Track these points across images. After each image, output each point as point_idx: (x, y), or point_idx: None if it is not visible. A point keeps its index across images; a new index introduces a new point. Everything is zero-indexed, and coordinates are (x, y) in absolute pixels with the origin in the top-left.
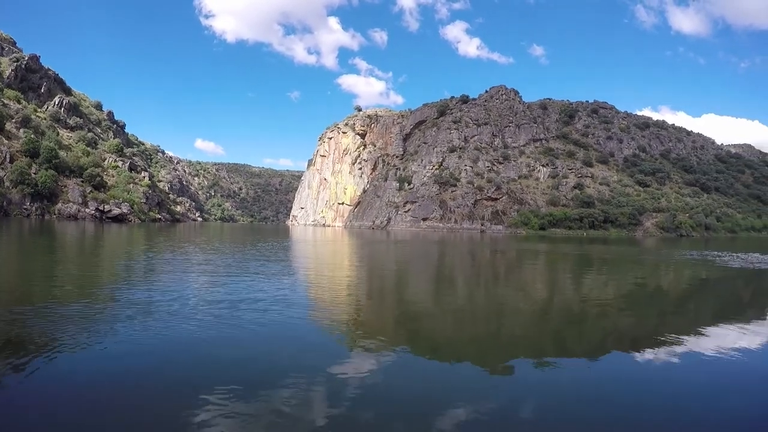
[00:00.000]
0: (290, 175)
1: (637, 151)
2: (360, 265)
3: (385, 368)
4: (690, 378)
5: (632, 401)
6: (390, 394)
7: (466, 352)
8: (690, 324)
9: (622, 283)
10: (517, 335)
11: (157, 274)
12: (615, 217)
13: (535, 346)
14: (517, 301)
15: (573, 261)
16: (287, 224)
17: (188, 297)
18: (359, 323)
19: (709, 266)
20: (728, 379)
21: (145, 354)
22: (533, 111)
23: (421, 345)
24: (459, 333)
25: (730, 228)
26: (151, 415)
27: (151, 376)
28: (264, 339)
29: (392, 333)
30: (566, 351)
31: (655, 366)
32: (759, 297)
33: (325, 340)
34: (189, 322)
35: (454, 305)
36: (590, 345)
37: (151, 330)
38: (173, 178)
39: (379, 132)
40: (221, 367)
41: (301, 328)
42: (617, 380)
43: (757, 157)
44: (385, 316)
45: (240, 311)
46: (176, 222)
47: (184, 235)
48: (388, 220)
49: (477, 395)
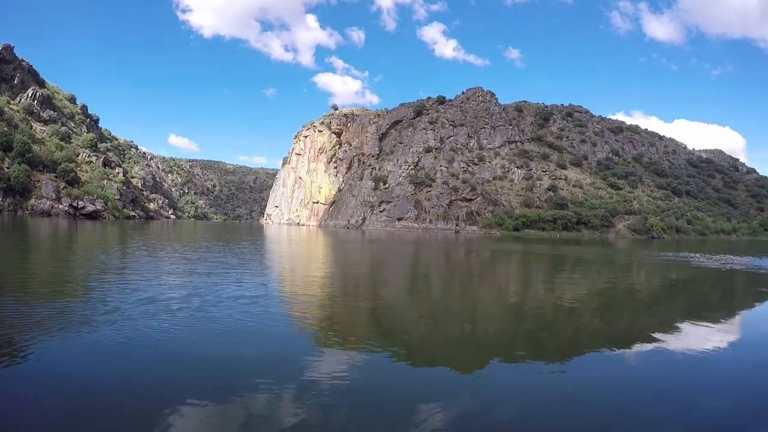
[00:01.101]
0: (264, 173)
1: (610, 155)
2: (335, 265)
3: (359, 369)
4: (663, 376)
5: (606, 401)
6: (364, 395)
7: (440, 353)
8: (666, 323)
9: (596, 283)
10: (492, 336)
11: (129, 274)
12: (588, 219)
13: (509, 347)
14: (491, 302)
15: (547, 262)
16: (261, 223)
17: (160, 297)
18: (333, 324)
19: (686, 267)
20: (702, 379)
21: (115, 355)
22: (509, 113)
23: (395, 346)
24: (433, 333)
25: (700, 231)
26: (119, 419)
27: (120, 379)
28: (236, 340)
29: (366, 333)
30: (540, 351)
31: (629, 365)
32: (732, 296)
33: (299, 341)
34: (160, 323)
35: (428, 306)
36: (564, 345)
37: (121, 331)
38: (146, 174)
39: (355, 131)
40: (192, 368)
41: (275, 329)
42: (591, 380)
43: (728, 163)
44: (360, 316)
45: (212, 312)
46: (150, 219)
47: (159, 234)
48: (363, 220)
49: (451, 396)
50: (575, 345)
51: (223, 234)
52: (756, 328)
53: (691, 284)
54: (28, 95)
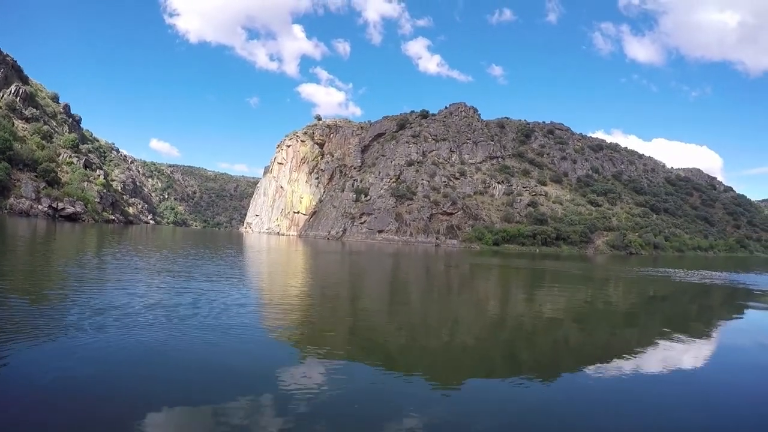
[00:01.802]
0: (246, 181)
1: (590, 172)
2: (314, 276)
3: (337, 380)
4: (640, 391)
5: (583, 414)
6: (341, 406)
7: (418, 365)
8: (645, 336)
9: (576, 297)
10: (470, 348)
11: (106, 282)
12: (567, 235)
13: (487, 360)
14: (469, 315)
15: (526, 276)
16: (241, 231)
17: (135, 305)
18: (311, 335)
19: (667, 282)
20: (679, 393)
21: (88, 364)
22: (491, 129)
23: (373, 357)
24: (412, 345)
25: (678, 247)
26: (96, 426)
27: (94, 387)
28: (214, 350)
29: (345, 345)
30: (518, 364)
31: (607, 379)
32: (711, 308)
33: (276, 352)
34: (136, 331)
35: (407, 318)
36: (542, 358)
37: (96, 339)
38: (126, 178)
39: (338, 142)
40: (168, 378)
41: (252, 339)
42: (568, 393)
43: (705, 181)
44: (339, 328)
45: (189, 320)
46: (129, 224)
47: (140, 240)
48: (343, 231)
49: (428, 407)
50: (553, 358)
51: (203, 242)
52: (735, 339)
53: (673, 298)
54: (11, 91)
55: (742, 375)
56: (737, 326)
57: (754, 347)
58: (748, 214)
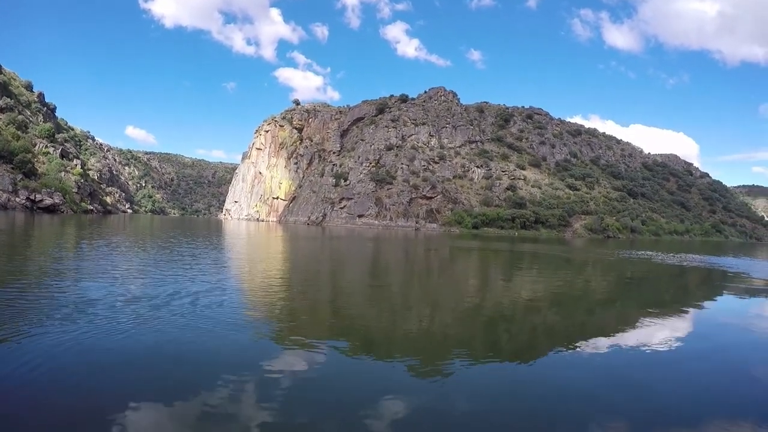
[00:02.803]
0: (223, 167)
1: (568, 157)
2: (295, 261)
3: (319, 365)
4: (617, 372)
5: (563, 394)
6: (323, 392)
7: (399, 348)
8: (625, 317)
9: (555, 280)
10: (451, 332)
11: (83, 271)
12: (546, 218)
13: (467, 342)
14: (450, 298)
15: (506, 259)
16: (220, 218)
17: (114, 295)
18: (292, 321)
19: (647, 264)
20: (653, 372)
21: (69, 353)
22: (470, 113)
23: (355, 341)
24: (393, 329)
25: (654, 231)
26: (73, 422)
27: (76, 376)
28: (194, 338)
29: (326, 329)
30: (498, 346)
31: (585, 361)
32: (692, 287)
33: (258, 338)
34: (114, 322)
35: (388, 302)
36: (523, 339)
37: (74, 331)
38: (103, 166)
39: (316, 127)
40: (148, 368)
41: (232, 326)
42: (548, 374)
43: (682, 167)
44: (319, 312)
45: (169, 310)
46: (108, 213)
47: (118, 229)
48: (323, 216)
49: (410, 390)
50: (532, 340)
51: (181, 230)
52: (710, 319)
53: (651, 279)
54: None
55: (714, 354)
56: (712, 306)
57: (727, 327)
58: (723, 200)
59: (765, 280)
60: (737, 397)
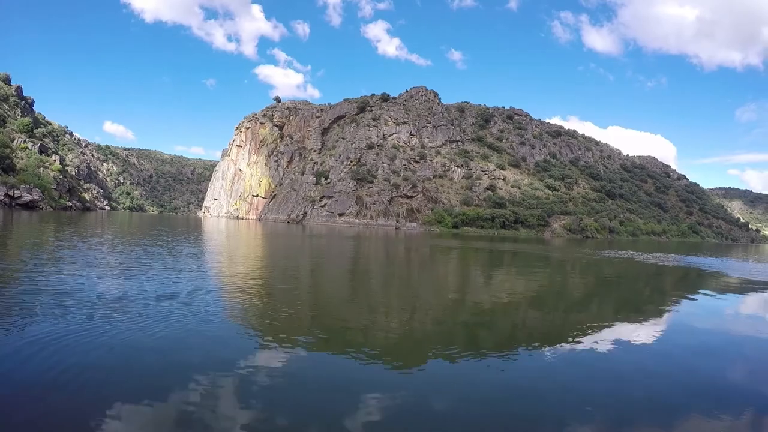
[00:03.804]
0: (202, 164)
1: (548, 157)
2: (275, 261)
3: (300, 363)
4: (594, 368)
5: (540, 392)
6: (303, 390)
7: (379, 347)
8: (603, 316)
9: (534, 279)
10: (430, 331)
11: (65, 271)
12: (525, 218)
13: (447, 341)
14: (430, 297)
15: (486, 258)
16: (199, 215)
17: (91, 294)
18: (272, 320)
19: (628, 263)
20: (627, 368)
21: (47, 353)
22: (451, 113)
23: (335, 341)
24: (373, 328)
25: (632, 231)
26: (53, 422)
27: (53, 377)
28: (173, 338)
29: (306, 328)
30: (477, 344)
31: (563, 358)
32: (663, 289)
33: (238, 338)
34: (93, 321)
35: (368, 301)
36: (502, 337)
37: (53, 330)
38: (81, 162)
39: (297, 124)
40: (128, 367)
41: (212, 326)
42: (525, 372)
43: (660, 169)
44: (300, 311)
45: (150, 309)
46: (87, 210)
47: (97, 227)
48: (303, 215)
49: (390, 388)
50: (512, 338)
51: (160, 228)
52: (684, 317)
53: (630, 277)
54: None
55: (692, 351)
56: (691, 303)
57: (705, 324)
58: (700, 202)
59: (740, 278)
60: (715, 391)
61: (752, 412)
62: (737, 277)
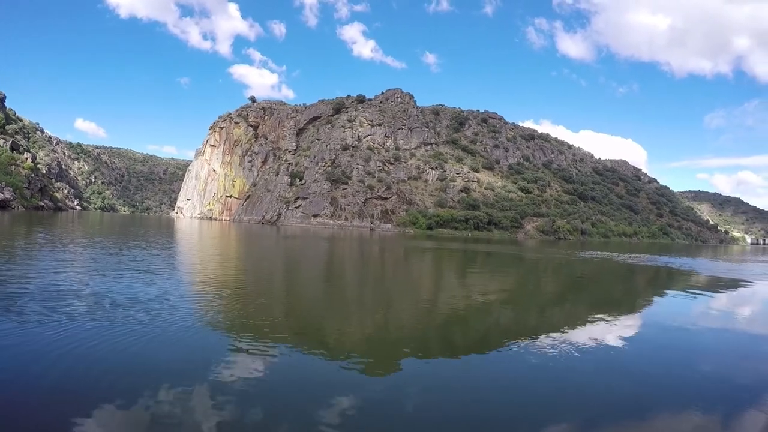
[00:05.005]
0: (175, 163)
1: (521, 160)
2: (249, 262)
3: (273, 365)
4: (562, 366)
5: (511, 390)
6: (277, 391)
7: (353, 348)
8: (575, 315)
9: (507, 279)
10: (404, 330)
11: (32, 273)
12: (499, 220)
13: (420, 341)
14: (404, 298)
15: (460, 259)
16: (172, 216)
17: (62, 297)
18: (246, 322)
19: (603, 263)
20: (596, 367)
21: (18, 357)
22: (426, 116)
23: (309, 341)
24: (347, 329)
25: (604, 233)
26: (24, 423)
27: (25, 381)
28: (146, 341)
29: (280, 330)
30: (451, 344)
31: (534, 357)
32: (636, 288)
33: (211, 340)
34: (62, 326)
35: (342, 302)
36: (475, 337)
37: (18, 335)
38: (52, 160)
39: (272, 125)
40: (97, 373)
41: (183, 329)
42: (499, 370)
43: (631, 172)
44: (273, 313)
45: (122, 313)
46: (59, 210)
47: (70, 228)
48: (278, 216)
49: (363, 388)
50: (484, 338)
51: (132, 229)
52: (654, 317)
53: (603, 276)
54: None
55: (664, 348)
56: (658, 303)
57: (677, 321)
58: (670, 204)
59: (710, 276)
60: (686, 389)
61: (723, 407)
62: (708, 275)
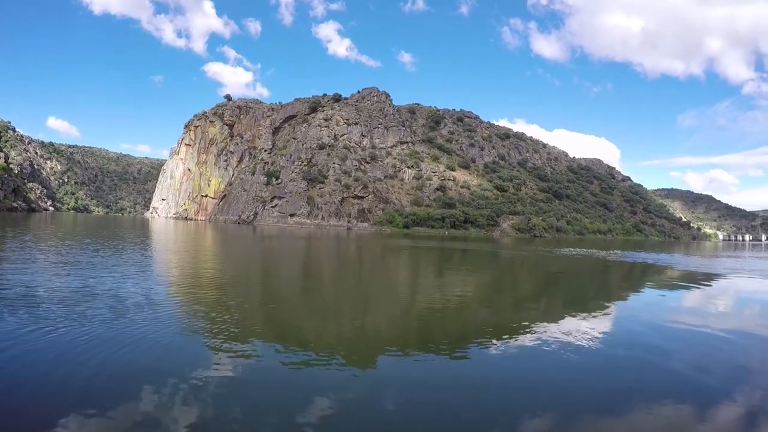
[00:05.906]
0: (149, 162)
1: (497, 159)
2: (225, 263)
3: (250, 366)
4: (541, 363)
5: (491, 387)
6: (256, 391)
7: (332, 347)
8: (551, 311)
9: (484, 276)
10: (383, 329)
11: (4, 273)
12: (475, 218)
13: (399, 339)
14: (382, 296)
15: (437, 257)
16: (146, 216)
17: (34, 298)
18: (223, 323)
19: (591, 259)
20: (571, 363)
21: None
22: (402, 114)
23: (287, 341)
24: (326, 329)
25: (579, 230)
26: None
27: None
28: (123, 343)
29: (258, 330)
30: (429, 343)
31: (512, 353)
32: (609, 283)
33: (187, 342)
34: (42, 328)
35: (320, 301)
36: (454, 336)
37: None
38: (24, 160)
39: (248, 123)
40: (72, 376)
41: (161, 330)
42: (476, 368)
43: (605, 170)
44: (251, 313)
45: (97, 314)
46: (33, 211)
47: (51, 230)
48: (254, 215)
49: (343, 387)
50: (463, 335)
51: (106, 230)
52: (628, 312)
53: (580, 271)
54: None
55: (642, 344)
56: (633, 298)
57: (654, 316)
58: (643, 202)
59: (684, 270)
60: (660, 384)
61: (697, 400)
62: (682, 270)
